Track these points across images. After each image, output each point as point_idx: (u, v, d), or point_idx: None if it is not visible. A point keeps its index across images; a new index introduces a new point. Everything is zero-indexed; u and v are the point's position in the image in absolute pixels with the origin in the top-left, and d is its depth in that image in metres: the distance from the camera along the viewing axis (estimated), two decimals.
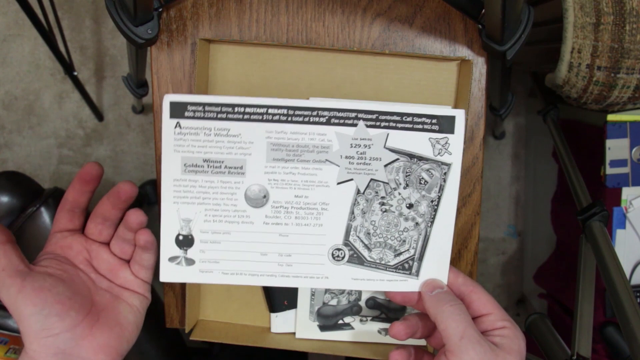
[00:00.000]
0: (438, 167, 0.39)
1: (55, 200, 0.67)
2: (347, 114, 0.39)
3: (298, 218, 0.40)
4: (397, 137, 0.39)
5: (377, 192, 0.40)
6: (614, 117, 0.76)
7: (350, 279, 0.41)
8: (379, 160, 0.39)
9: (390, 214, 0.40)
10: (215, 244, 0.41)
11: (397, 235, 0.40)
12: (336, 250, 0.41)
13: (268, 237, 0.40)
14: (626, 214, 0.78)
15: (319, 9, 0.47)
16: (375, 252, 0.41)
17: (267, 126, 0.39)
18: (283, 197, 0.40)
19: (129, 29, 0.43)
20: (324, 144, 0.39)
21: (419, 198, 0.40)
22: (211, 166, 0.40)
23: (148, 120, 1.28)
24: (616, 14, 0.63)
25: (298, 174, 0.40)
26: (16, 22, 1.26)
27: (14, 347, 0.65)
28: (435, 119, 0.39)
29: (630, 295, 0.56)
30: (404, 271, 0.41)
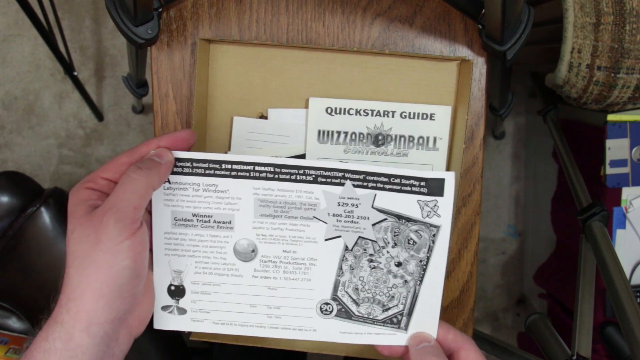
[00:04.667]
0: (427, 229, 0.39)
1: (55, 200, 0.67)
2: (334, 174, 0.39)
3: (286, 272, 0.41)
4: (385, 198, 0.39)
5: (365, 250, 0.40)
6: (614, 117, 0.76)
7: (338, 332, 0.41)
8: (366, 219, 0.40)
9: (379, 270, 0.40)
10: (205, 295, 0.42)
11: (386, 291, 0.41)
12: (324, 304, 0.41)
13: (257, 290, 0.41)
14: (626, 214, 0.78)
15: (319, 9, 0.47)
16: (363, 307, 0.41)
17: (254, 183, 0.39)
18: (271, 251, 0.41)
19: (129, 29, 0.43)
20: (311, 202, 0.39)
21: (407, 257, 0.40)
22: (200, 220, 0.40)
23: (148, 120, 1.28)
24: (616, 14, 0.63)
25: (286, 230, 0.40)
26: (16, 22, 1.26)
27: (14, 347, 0.65)
28: (424, 182, 0.39)
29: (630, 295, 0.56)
30: (392, 325, 0.41)
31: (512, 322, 1.33)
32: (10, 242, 0.66)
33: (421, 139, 0.47)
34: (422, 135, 0.46)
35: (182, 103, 0.48)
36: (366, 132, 0.47)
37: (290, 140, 0.47)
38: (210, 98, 0.48)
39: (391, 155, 0.47)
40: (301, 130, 0.47)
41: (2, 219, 0.66)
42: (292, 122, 0.47)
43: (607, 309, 0.78)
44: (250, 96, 0.48)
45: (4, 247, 0.66)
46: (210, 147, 0.48)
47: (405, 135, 0.47)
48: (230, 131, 0.48)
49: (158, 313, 0.42)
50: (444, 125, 0.47)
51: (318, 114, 0.47)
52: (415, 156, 0.47)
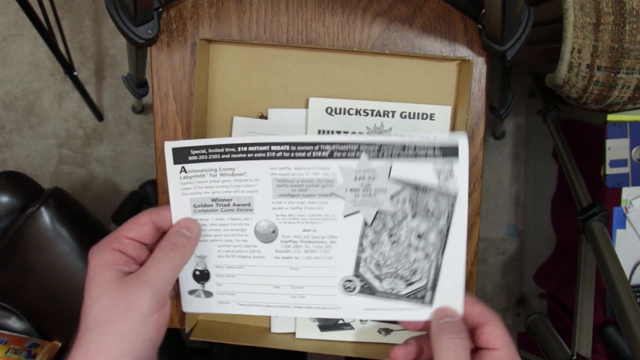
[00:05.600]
0: (444, 197, 0.39)
1: (55, 200, 0.67)
2: (349, 147, 0.39)
3: (308, 251, 0.41)
4: (401, 168, 0.39)
5: (384, 224, 0.40)
6: (614, 117, 0.76)
7: (363, 309, 0.41)
8: (384, 192, 0.39)
9: (400, 245, 0.40)
10: (230, 278, 0.42)
11: (408, 265, 0.40)
12: (347, 281, 0.41)
13: (279, 271, 0.41)
14: (626, 214, 0.78)
15: (319, 9, 0.47)
16: (386, 283, 0.40)
17: (271, 163, 0.39)
18: (292, 231, 0.40)
19: (129, 29, 0.43)
20: (328, 178, 0.39)
21: (427, 228, 0.39)
22: (220, 204, 0.41)
23: (148, 120, 1.28)
24: (616, 14, 0.63)
25: (305, 209, 0.40)
26: (16, 22, 1.26)
27: (14, 347, 0.65)
28: (439, 149, 0.38)
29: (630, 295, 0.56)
30: (416, 300, 0.40)
31: (512, 322, 1.33)
32: (10, 242, 0.66)
33: None
34: (422, 135, 0.46)
35: (182, 103, 0.48)
36: (366, 132, 0.47)
37: None
38: (210, 98, 0.48)
39: None
40: (301, 130, 0.47)
41: (2, 219, 0.66)
42: (292, 122, 0.47)
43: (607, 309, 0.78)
44: (250, 96, 0.48)
45: (4, 247, 0.66)
46: None
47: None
48: (230, 131, 0.48)
49: (185, 297, 0.43)
50: (444, 125, 0.47)
51: (318, 114, 0.47)
52: None
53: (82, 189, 1.30)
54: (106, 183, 1.30)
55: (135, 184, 1.29)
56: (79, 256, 0.67)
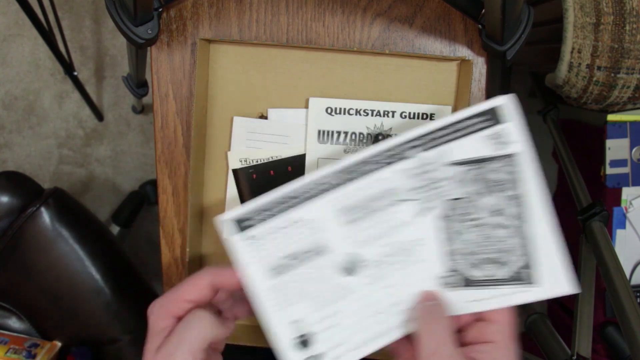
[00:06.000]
0: (506, 162, 0.37)
1: (55, 200, 0.67)
2: (397, 150, 0.37)
3: (396, 265, 0.39)
4: (456, 149, 0.37)
5: (459, 211, 0.38)
6: (614, 117, 0.76)
7: (470, 302, 0.38)
8: (447, 180, 0.38)
9: (483, 227, 0.38)
10: (334, 328, 0.39)
11: (498, 246, 0.38)
12: (444, 279, 0.39)
13: (377, 296, 0.39)
14: (626, 214, 0.78)
15: (319, 9, 0.47)
16: (482, 270, 0.38)
17: (329, 196, 0.38)
18: (373, 252, 0.39)
19: (129, 29, 0.43)
20: (388, 187, 0.38)
21: (502, 201, 0.37)
22: (295, 258, 0.39)
23: (148, 120, 1.28)
24: (616, 14, 0.63)
25: (377, 225, 0.38)
26: (16, 22, 1.26)
27: (14, 347, 0.65)
28: (484, 115, 0.37)
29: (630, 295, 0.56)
30: (519, 282, 0.38)
31: None
32: (10, 242, 0.66)
33: None
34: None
35: (182, 103, 0.48)
36: (366, 132, 0.47)
37: (290, 140, 0.47)
38: (210, 98, 0.48)
39: None
40: (301, 130, 0.47)
41: (2, 219, 0.66)
42: (292, 122, 0.47)
43: (607, 309, 0.78)
44: (250, 96, 0.48)
45: (4, 247, 0.66)
46: (210, 146, 0.48)
47: None
48: (231, 131, 0.48)
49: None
50: None
51: (318, 114, 0.47)
52: None
53: (82, 189, 1.30)
54: (106, 183, 1.30)
55: (135, 184, 1.29)
56: (79, 256, 0.67)
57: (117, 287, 0.69)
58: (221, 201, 0.49)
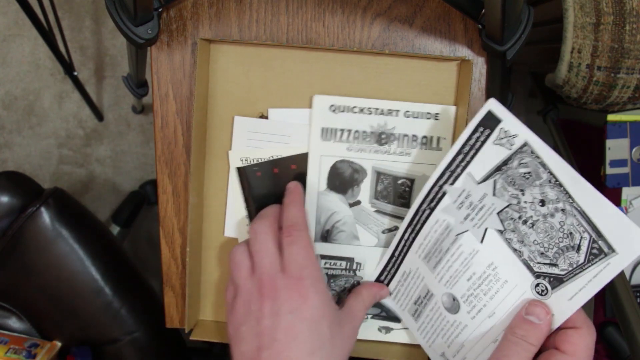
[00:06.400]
0: (521, 156, 0.38)
1: (55, 200, 0.67)
2: (434, 193, 0.42)
3: (487, 293, 0.40)
4: (476, 167, 0.39)
5: (512, 218, 0.39)
6: (614, 117, 0.76)
7: (568, 301, 0.38)
8: (486, 196, 0.39)
9: (537, 224, 0.38)
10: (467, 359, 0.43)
11: (561, 234, 0.38)
12: (534, 289, 0.39)
13: (484, 326, 0.41)
14: (626, 214, 0.78)
15: (319, 9, 0.47)
16: (562, 263, 0.38)
17: (412, 248, 0.44)
18: (462, 288, 0.41)
19: (129, 29, 0.43)
20: (444, 226, 0.41)
21: (537, 191, 0.38)
22: (419, 304, 0.45)
23: (148, 120, 1.28)
24: (616, 14, 0.63)
25: (454, 263, 0.41)
26: (16, 22, 1.26)
27: (14, 347, 0.65)
28: (482, 126, 0.39)
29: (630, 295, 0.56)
30: (598, 257, 0.36)
31: None
32: (10, 242, 0.66)
33: (425, 139, 0.47)
34: (425, 135, 0.46)
35: (182, 103, 0.48)
36: (370, 131, 0.47)
37: (291, 140, 0.47)
38: (210, 98, 0.48)
39: (394, 154, 0.47)
40: (302, 129, 0.47)
41: (2, 219, 0.66)
42: (292, 121, 0.47)
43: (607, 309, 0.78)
44: (250, 96, 0.48)
45: (4, 247, 0.66)
46: (211, 147, 0.48)
47: (409, 135, 0.47)
48: (231, 131, 0.48)
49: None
50: (447, 125, 0.47)
51: (322, 112, 0.47)
52: (418, 155, 0.47)
53: (82, 189, 1.30)
54: (106, 183, 1.30)
55: (135, 184, 1.29)
56: (79, 256, 0.67)
57: (117, 287, 0.69)
58: (222, 201, 0.49)
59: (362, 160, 0.47)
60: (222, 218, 0.49)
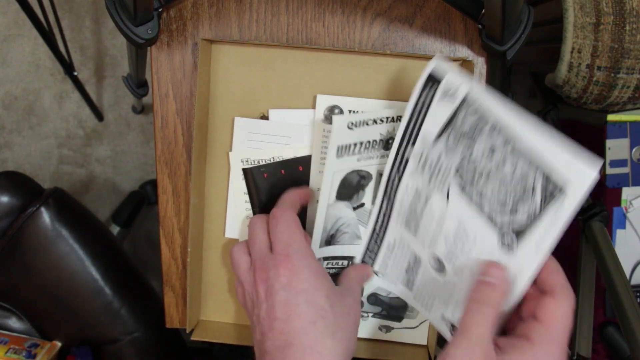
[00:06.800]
0: (465, 107, 0.37)
1: (55, 200, 0.67)
2: (399, 160, 0.42)
3: (462, 251, 0.40)
4: (429, 127, 0.39)
5: (468, 172, 0.38)
6: (614, 117, 0.76)
7: (533, 251, 0.36)
8: (442, 155, 0.39)
9: (491, 175, 0.37)
10: None
11: (515, 179, 0.36)
12: (501, 244, 0.37)
13: (468, 284, 0.39)
14: (626, 214, 0.78)
15: (319, 9, 0.47)
16: (521, 209, 0.36)
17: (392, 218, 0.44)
18: (442, 249, 0.41)
19: (129, 29, 0.43)
20: (414, 191, 0.42)
21: (486, 140, 0.37)
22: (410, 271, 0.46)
23: (148, 120, 1.28)
24: (616, 14, 0.63)
25: (430, 225, 0.41)
26: (16, 22, 1.26)
27: (14, 347, 0.65)
28: (428, 84, 0.39)
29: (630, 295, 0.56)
30: (553, 197, 0.35)
31: None
32: (10, 242, 0.66)
33: None
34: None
35: (182, 103, 0.48)
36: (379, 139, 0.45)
37: (291, 140, 0.47)
38: (211, 98, 0.48)
39: None
40: (303, 130, 0.47)
41: (2, 219, 0.66)
42: (293, 122, 0.47)
43: (607, 309, 0.78)
44: (251, 96, 0.48)
45: (4, 247, 0.66)
46: (212, 147, 0.48)
47: None
48: (232, 132, 0.48)
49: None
50: None
51: (339, 130, 0.44)
52: None
53: (82, 189, 1.30)
54: (106, 183, 1.30)
55: (135, 184, 1.29)
56: (79, 256, 0.67)
57: (117, 287, 0.69)
58: (223, 202, 0.49)
59: (369, 167, 0.46)
60: (223, 219, 0.49)
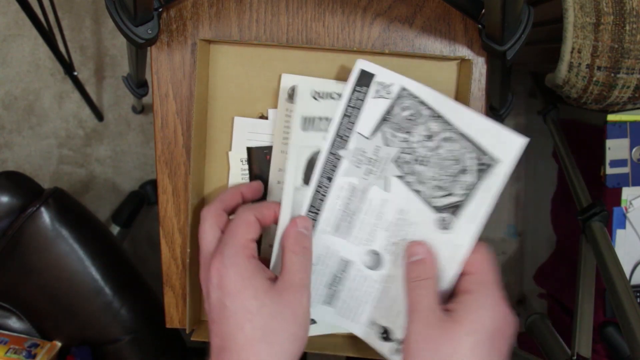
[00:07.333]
0: (399, 101, 0.40)
1: (55, 200, 0.67)
2: (330, 162, 0.42)
3: (403, 238, 0.41)
4: (363, 124, 0.41)
5: (407, 161, 0.41)
6: (614, 117, 0.76)
7: (470, 224, 0.39)
8: (379, 148, 0.41)
9: (429, 160, 0.40)
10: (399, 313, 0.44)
11: (451, 162, 0.40)
12: (437, 225, 0.40)
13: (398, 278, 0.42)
14: (626, 214, 0.78)
15: (319, 9, 0.47)
16: (457, 189, 0.40)
17: (317, 228, 0.43)
18: (382, 240, 0.42)
19: (129, 29, 0.43)
20: (349, 189, 0.42)
21: (422, 129, 0.40)
22: (336, 285, 0.45)
23: (148, 120, 1.28)
24: (616, 14, 0.63)
25: (366, 221, 0.42)
26: (16, 22, 1.26)
27: (14, 347, 0.65)
28: (359, 84, 0.40)
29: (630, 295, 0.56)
30: (487, 171, 0.39)
31: None
32: (10, 242, 0.66)
33: None
34: None
35: (182, 103, 0.48)
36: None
37: None
38: (210, 98, 0.48)
39: None
40: None
41: (2, 219, 0.66)
42: None
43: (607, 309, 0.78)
44: (250, 96, 0.48)
45: (4, 247, 0.66)
46: (211, 147, 0.48)
47: None
48: (231, 131, 0.48)
49: None
50: None
51: (304, 98, 0.43)
52: None
53: (82, 189, 1.30)
54: (106, 183, 1.30)
55: (135, 184, 1.29)
56: (79, 256, 0.67)
57: (117, 287, 0.69)
58: None
59: None
60: None
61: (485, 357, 0.35)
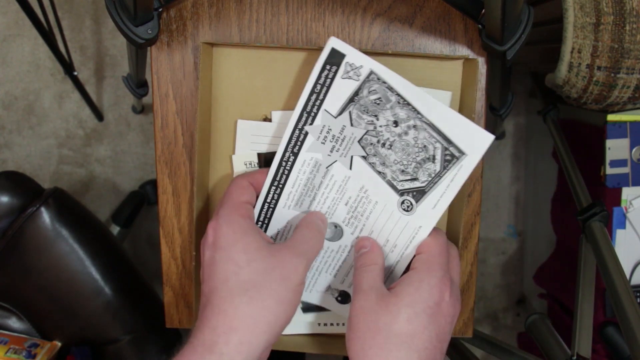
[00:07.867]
0: (369, 84, 0.41)
1: (55, 200, 0.67)
2: (295, 137, 0.42)
3: (363, 214, 0.43)
4: (331, 103, 0.41)
5: (372, 143, 0.42)
6: (614, 117, 0.76)
7: (431, 210, 0.42)
8: (345, 128, 0.42)
9: (395, 144, 0.41)
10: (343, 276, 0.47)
11: (417, 149, 0.41)
12: (400, 206, 0.42)
13: None
14: (626, 214, 0.78)
15: (319, 9, 0.47)
16: (422, 176, 0.42)
17: (280, 203, 0.44)
18: (342, 213, 0.44)
19: (129, 29, 0.43)
20: (313, 164, 0.43)
21: (389, 113, 0.41)
22: None
23: (148, 120, 1.28)
24: (616, 14, 0.63)
25: (330, 193, 0.43)
26: (16, 22, 1.26)
27: (14, 347, 0.65)
28: (329, 64, 0.41)
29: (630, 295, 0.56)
30: (452, 162, 0.41)
31: (512, 322, 1.33)
32: (10, 242, 0.66)
33: None
34: None
35: (182, 103, 0.48)
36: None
37: None
38: (213, 101, 0.48)
39: None
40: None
41: (2, 219, 0.66)
42: None
43: (607, 309, 0.79)
44: (253, 99, 0.47)
45: (4, 247, 0.66)
46: (215, 150, 0.48)
47: None
48: (235, 134, 0.48)
49: None
50: None
51: None
52: None
53: (82, 189, 1.30)
54: (106, 183, 1.30)
55: (135, 184, 1.29)
56: (79, 256, 0.67)
57: (117, 287, 0.69)
58: None
59: None
60: None
61: (422, 329, 0.36)
